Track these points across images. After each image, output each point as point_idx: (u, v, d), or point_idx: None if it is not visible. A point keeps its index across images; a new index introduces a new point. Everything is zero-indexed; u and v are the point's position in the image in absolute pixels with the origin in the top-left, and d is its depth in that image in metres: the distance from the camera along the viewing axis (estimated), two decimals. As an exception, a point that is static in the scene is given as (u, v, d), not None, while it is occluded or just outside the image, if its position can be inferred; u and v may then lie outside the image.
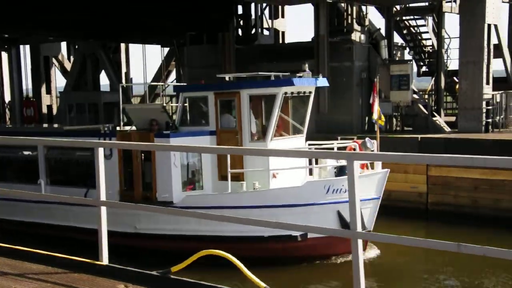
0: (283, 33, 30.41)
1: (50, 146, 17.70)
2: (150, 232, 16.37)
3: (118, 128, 18.70)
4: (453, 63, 26.85)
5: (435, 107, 26.13)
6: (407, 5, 26.88)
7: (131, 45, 34.78)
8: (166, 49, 31.84)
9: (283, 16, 30.37)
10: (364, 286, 5.30)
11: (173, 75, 32.26)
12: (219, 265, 7.26)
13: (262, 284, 6.03)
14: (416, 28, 28.77)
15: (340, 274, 15.34)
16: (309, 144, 17.63)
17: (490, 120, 23.16)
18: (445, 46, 27.21)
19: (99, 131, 17.24)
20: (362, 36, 24.55)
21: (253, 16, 29.12)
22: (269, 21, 29.85)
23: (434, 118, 24.04)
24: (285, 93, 16.19)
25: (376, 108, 18.14)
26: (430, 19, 28.20)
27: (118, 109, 28.88)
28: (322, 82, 17.35)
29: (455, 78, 26.15)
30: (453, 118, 25.56)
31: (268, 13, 29.83)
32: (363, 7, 25.08)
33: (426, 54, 28.70)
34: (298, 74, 16.84)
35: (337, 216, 15.57)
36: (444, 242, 7.31)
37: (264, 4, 28.72)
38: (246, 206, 15.29)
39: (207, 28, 27.18)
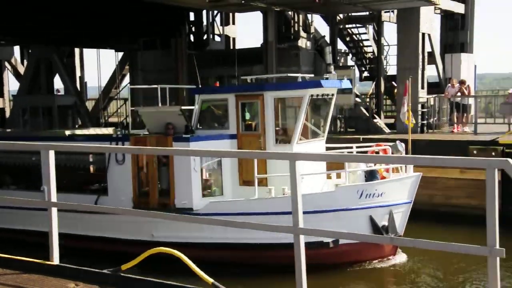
0: (233, 39, 30.60)
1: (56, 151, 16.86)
2: (169, 240, 14.38)
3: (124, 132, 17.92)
4: (391, 69, 27.41)
5: (376, 110, 26.46)
6: (349, 14, 27.38)
7: (86, 50, 34.06)
8: (120, 54, 31.32)
9: (233, 23, 30.52)
10: (305, 283, 5.23)
11: (127, 79, 31.78)
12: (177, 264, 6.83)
13: (210, 279, 5.95)
14: (358, 36, 29.28)
15: (370, 280, 14.76)
16: (327, 148, 16.72)
17: (425, 121, 23.73)
18: (384, 53, 28.04)
19: (110, 136, 16.27)
20: (308, 43, 24.70)
21: (204, 23, 29.13)
22: (220, 28, 29.95)
23: (375, 120, 24.44)
24: (311, 95, 15.29)
25: (405, 109, 17.69)
26: (370, 27, 28.79)
27: (73, 112, 28.45)
28: (346, 84, 16.86)
29: (393, 82, 26.45)
30: (392, 120, 26.02)
31: (219, 20, 29.96)
32: (309, 16, 25.02)
33: (367, 60, 29.28)
34: (325, 76, 16.22)
35: (369, 221, 14.66)
36: (379, 236, 7.34)
37: (215, 12, 28.83)
38: (276, 213, 13.70)
39: (160, 34, 27.11)
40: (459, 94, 23.74)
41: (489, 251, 4.40)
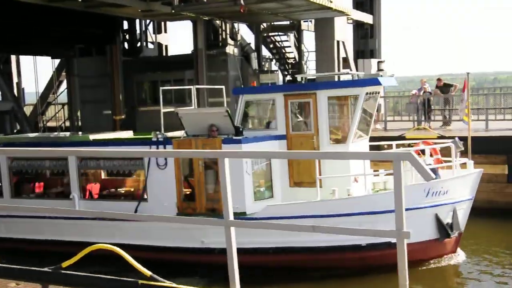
0: (166, 46, 30.67)
1: (82, 157, 14.75)
2: (220, 246, 12.60)
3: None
4: (311, 73, 27.31)
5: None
6: (272, 23, 27.72)
7: (23, 56, 32.99)
8: (57, 60, 30.54)
9: (165, 31, 30.61)
10: (237, 277, 5.19)
11: (64, 85, 31.05)
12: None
13: (148, 272, 5.80)
14: (280, 43, 29.64)
15: (434, 278, 13.66)
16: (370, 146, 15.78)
17: None
18: (305, 59, 28.50)
19: (149, 140, 14.48)
20: (235, 50, 24.98)
21: (138, 31, 29.02)
22: (153, 36, 29.92)
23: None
24: (366, 93, 14.19)
25: (464, 106, 16.57)
26: (291, 35, 29.18)
27: (10, 117, 27.34)
28: (393, 81, 16.10)
29: None
30: None
31: (152, 28, 29.91)
32: (235, 24, 25.38)
33: (290, 65, 29.64)
34: (381, 73, 15.20)
35: (435, 220, 13.73)
36: (300, 225, 7.53)
37: (148, 20, 28.81)
38: (340, 214, 12.75)
39: (96, 41, 26.82)
40: None
41: (397, 233, 4.57)
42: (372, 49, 28.72)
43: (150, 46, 29.52)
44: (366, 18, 27.58)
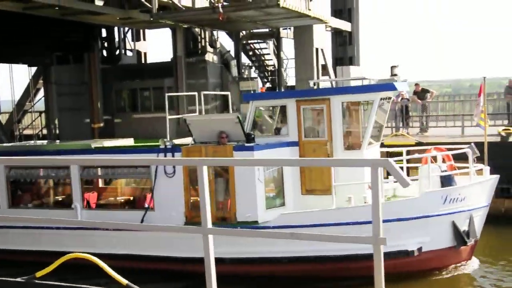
0: (145, 53, 30.54)
1: (85, 166, 14.30)
2: (231, 256, 12.87)
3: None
4: (291, 80, 27.78)
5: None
6: (251, 31, 27.83)
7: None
8: (34, 68, 30.29)
9: (144, 39, 30.43)
10: (215, 283, 5.15)
11: (41, 93, 30.74)
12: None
13: (124, 281, 5.83)
14: (259, 51, 29.90)
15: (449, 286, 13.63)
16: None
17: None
18: (284, 66, 28.60)
19: (157, 147, 14.04)
20: (215, 57, 25.12)
21: (116, 39, 28.89)
22: (132, 43, 29.79)
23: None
24: (380, 98, 13.98)
25: (480, 110, 16.10)
26: (271, 43, 29.34)
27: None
28: (407, 86, 16.16)
29: None
30: None
31: (131, 36, 29.80)
32: (215, 32, 25.44)
33: (269, 72, 29.88)
34: (395, 78, 14.92)
35: (452, 227, 13.56)
36: (280, 232, 7.47)
37: (127, 28, 28.70)
38: (356, 222, 12.40)
39: (73, 49, 26.60)
40: None
41: (375, 240, 4.58)
42: (351, 56, 28.95)
43: (129, 53, 29.40)
44: (345, 25, 27.79)
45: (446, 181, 13.37)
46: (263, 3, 18.96)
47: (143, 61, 29.99)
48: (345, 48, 29.00)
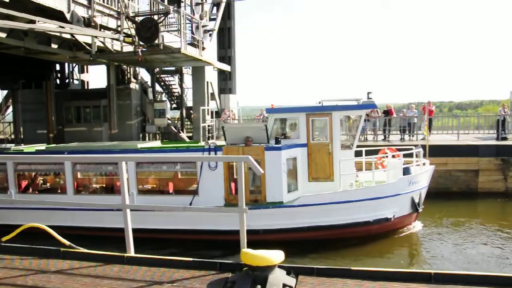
0: (87, 82, 30.14)
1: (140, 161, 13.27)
2: (262, 228, 12.53)
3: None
4: (189, 102, 27.95)
5: (181, 128, 27.21)
6: (163, 68, 28.01)
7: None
8: (5, 91, 30.12)
9: (87, 72, 30.08)
10: (132, 247, 5.03)
11: (10, 109, 30.47)
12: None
13: (67, 242, 5.37)
14: (168, 82, 29.78)
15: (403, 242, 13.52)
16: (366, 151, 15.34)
17: (210, 135, 24.70)
18: (185, 93, 29.17)
19: (202, 147, 13.31)
20: (137, 85, 24.98)
21: (66, 71, 28.64)
22: (78, 74, 29.48)
23: (181, 134, 25.36)
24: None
25: (425, 125, 16.65)
26: (176, 77, 29.57)
27: None
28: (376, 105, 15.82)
29: (191, 111, 26.78)
30: (190, 134, 26.43)
31: (77, 69, 29.42)
32: (137, 68, 25.39)
33: (175, 97, 30.07)
34: (372, 100, 14.28)
35: (411, 201, 13.86)
36: (173, 206, 8.22)
37: (74, 64, 28.45)
38: (357, 200, 12.74)
39: (35, 78, 26.21)
40: (229, 118, 25.56)
41: (240, 210, 4.71)
42: (230, 87, 30.48)
43: (76, 82, 29.11)
44: (226, 67, 28.78)
45: (407, 170, 13.76)
46: (170, 50, 19.35)
47: (86, 87, 29.52)
48: (226, 82, 30.39)
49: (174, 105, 29.96)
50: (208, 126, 25.06)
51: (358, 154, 15.06)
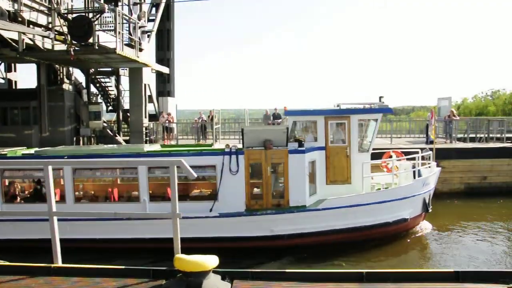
0: (15, 81, 28.53)
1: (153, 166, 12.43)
2: (286, 233, 12.40)
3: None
4: (126, 105, 27.47)
5: (117, 131, 26.66)
6: (98, 69, 27.41)
7: None
8: None
9: (15, 70, 28.51)
10: (60, 257, 4.88)
11: None
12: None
13: None
14: (104, 83, 29.15)
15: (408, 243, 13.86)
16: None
17: (148, 138, 24.71)
18: (122, 95, 28.44)
19: (223, 151, 12.80)
20: (70, 86, 24.30)
21: None
22: (4, 73, 27.87)
23: (117, 138, 24.91)
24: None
25: (432, 128, 17.36)
26: (113, 78, 28.92)
27: None
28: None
29: (128, 113, 26.61)
30: (127, 138, 26.15)
31: (3, 67, 27.83)
32: (71, 68, 24.46)
33: (111, 99, 29.35)
34: (385, 104, 14.62)
35: (423, 201, 14.29)
36: (103, 212, 8.47)
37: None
38: (379, 202, 12.95)
39: None
40: (168, 121, 25.34)
41: (173, 215, 4.75)
42: (168, 90, 30.12)
43: (1, 81, 27.56)
44: (164, 69, 28.92)
45: (418, 172, 14.23)
46: (105, 50, 18.83)
47: (13, 87, 28.02)
48: (165, 84, 30.05)
49: (110, 108, 29.32)
50: (146, 129, 24.78)
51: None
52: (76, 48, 18.92)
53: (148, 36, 25.93)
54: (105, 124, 25.39)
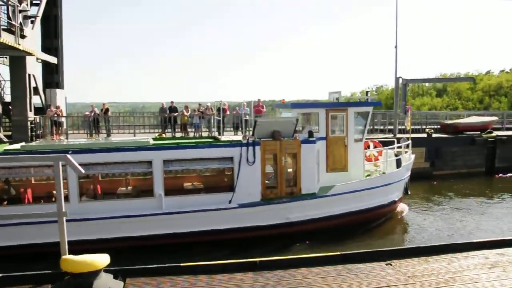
0: None
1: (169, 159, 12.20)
2: (300, 219, 12.98)
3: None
4: (8, 97, 25.21)
5: None
6: None
7: None
8: None
9: None
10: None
11: None
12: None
13: None
14: None
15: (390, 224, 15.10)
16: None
17: (33, 133, 23.08)
18: (2, 86, 26.01)
19: (240, 142, 12.84)
20: None
21: None
22: None
23: None
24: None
25: (407, 120, 19.19)
26: None
27: None
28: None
29: (9, 106, 23.76)
30: (9, 133, 23.71)
31: None
32: None
33: None
34: (375, 98, 15.96)
35: (404, 185, 16.01)
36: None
37: None
38: (379, 186, 14.27)
39: None
40: (56, 115, 23.29)
41: (58, 214, 4.50)
42: (57, 81, 27.99)
43: None
44: (52, 59, 26.92)
45: (399, 160, 15.92)
46: None
47: None
48: (53, 75, 27.91)
49: (-12, 99, 26.15)
50: (31, 124, 23.00)
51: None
52: None
53: (32, 22, 23.81)
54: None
